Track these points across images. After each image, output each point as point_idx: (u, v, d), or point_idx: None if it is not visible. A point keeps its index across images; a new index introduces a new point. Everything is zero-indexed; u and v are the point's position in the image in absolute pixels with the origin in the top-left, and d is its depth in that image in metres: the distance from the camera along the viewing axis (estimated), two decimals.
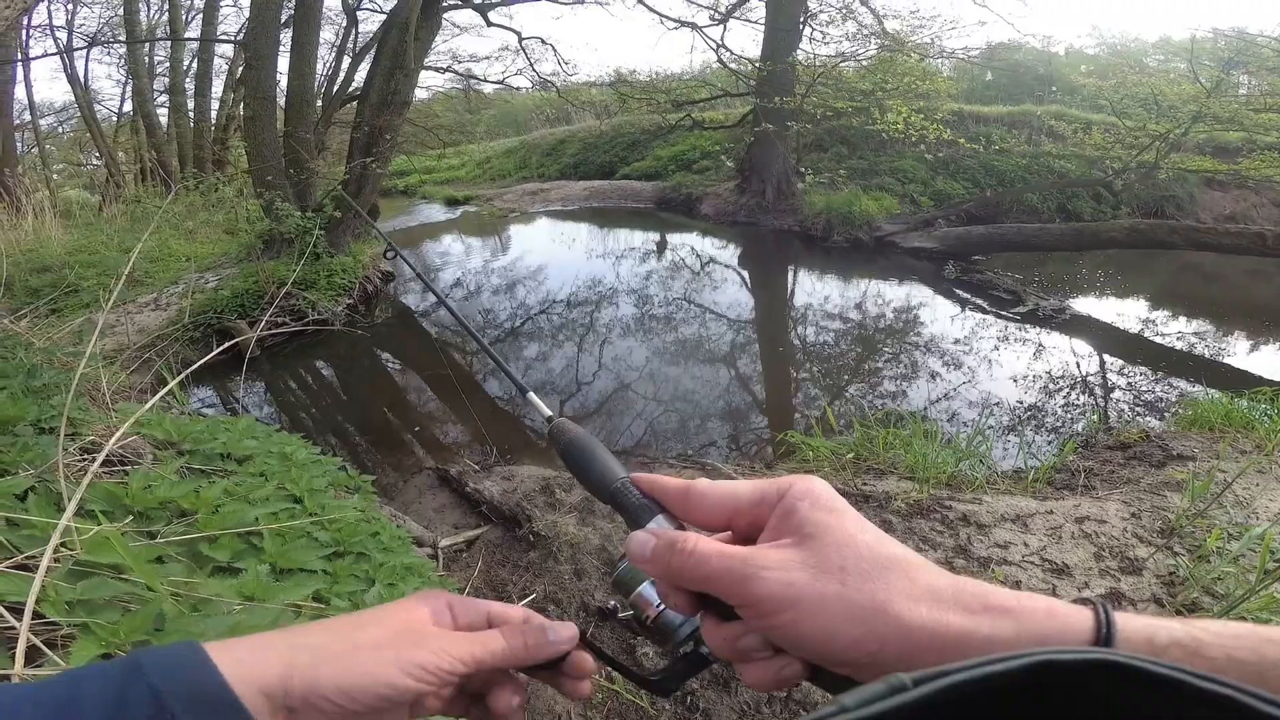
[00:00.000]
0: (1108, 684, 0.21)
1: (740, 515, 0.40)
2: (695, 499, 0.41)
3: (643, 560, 0.39)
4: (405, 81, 6.98)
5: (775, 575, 0.34)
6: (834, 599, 0.33)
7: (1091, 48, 17.43)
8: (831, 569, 0.34)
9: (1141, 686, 0.20)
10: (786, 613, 0.34)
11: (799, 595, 0.33)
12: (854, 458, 3.22)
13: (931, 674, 0.21)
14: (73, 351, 2.31)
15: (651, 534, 0.39)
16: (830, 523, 0.36)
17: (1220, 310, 6.95)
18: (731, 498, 0.40)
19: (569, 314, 6.82)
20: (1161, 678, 0.20)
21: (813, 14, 11.29)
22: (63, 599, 0.90)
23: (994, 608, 0.32)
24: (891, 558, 0.34)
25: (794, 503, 0.37)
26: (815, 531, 0.35)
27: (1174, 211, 10.62)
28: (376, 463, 3.87)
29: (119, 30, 13.42)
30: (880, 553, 0.34)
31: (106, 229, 8.14)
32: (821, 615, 0.33)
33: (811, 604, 0.33)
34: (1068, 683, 0.21)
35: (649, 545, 0.39)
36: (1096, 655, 0.21)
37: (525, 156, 17.77)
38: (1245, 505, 2.52)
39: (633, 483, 0.44)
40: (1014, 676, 0.21)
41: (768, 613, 0.34)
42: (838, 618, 0.33)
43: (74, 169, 18.85)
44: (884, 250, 9.06)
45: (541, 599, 2.15)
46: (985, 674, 0.21)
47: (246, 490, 1.50)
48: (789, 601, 0.33)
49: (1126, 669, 0.21)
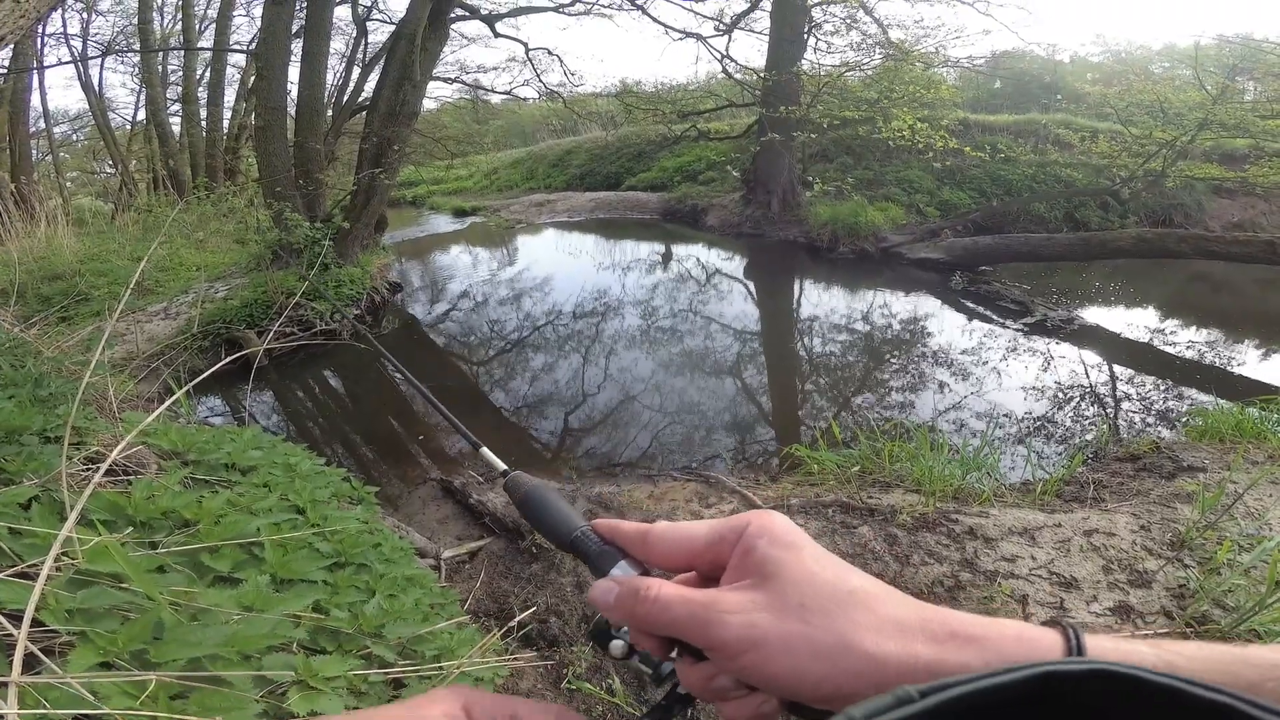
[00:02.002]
0: (1108, 695, 0.21)
1: (700, 556, 0.39)
2: (655, 541, 0.41)
3: (607, 609, 0.39)
4: (413, 92, 7.05)
5: (737, 619, 0.34)
6: (798, 638, 0.33)
7: (1097, 55, 17.46)
8: (792, 607, 0.34)
9: (1141, 696, 0.21)
10: (750, 654, 0.33)
11: (762, 637, 0.33)
12: (860, 471, 3.20)
13: (937, 686, 0.21)
14: (81, 360, 2.33)
15: (615, 581, 0.39)
16: (788, 559, 0.35)
17: (1230, 319, 6.90)
18: (690, 539, 0.39)
19: (575, 325, 6.83)
20: (1161, 687, 0.20)
21: (817, 24, 11.35)
22: (62, 607, 0.90)
23: (960, 635, 0.32)
24: (852, 591, 0.34)
25: (752, 541, 0.37)
26: (774, 570, 0.35)
27: (1182, 220, 10.57)
28: (381, 473, 3.88)
29: (133, 39, 13.64)
30: (841, 587, 0.34)
31: (118, 237, 8.23)
32: (787, 655, 0.33)
33: (776, 645, 0.33)
34: (1069, 694, 0.21)
35: (612, 593, 0.38)
36: (1098, 666, 0.21)
37: (532, 167, 17.90)
38: (1257, 517, 2.49)
39: (593, 529, 0.44)
40: (1018, 688, 0.21)
41: (733, 655, 0.34)
42: (803, 656, 0.33)
43: (87, 177, 19.10)
44: (890, 261, 9.05)
45: (543, 611, 2.14)
46: (990, 685, 0.21)
47: (249, 501, 1.50)
48: (752, 643, 0.33)
49: (1126, 679, 0.21)
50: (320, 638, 1.21)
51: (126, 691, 0.82)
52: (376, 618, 1.29)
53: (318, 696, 1.03)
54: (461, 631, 1.55)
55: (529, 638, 2.07)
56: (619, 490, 3.10)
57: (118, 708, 0.80)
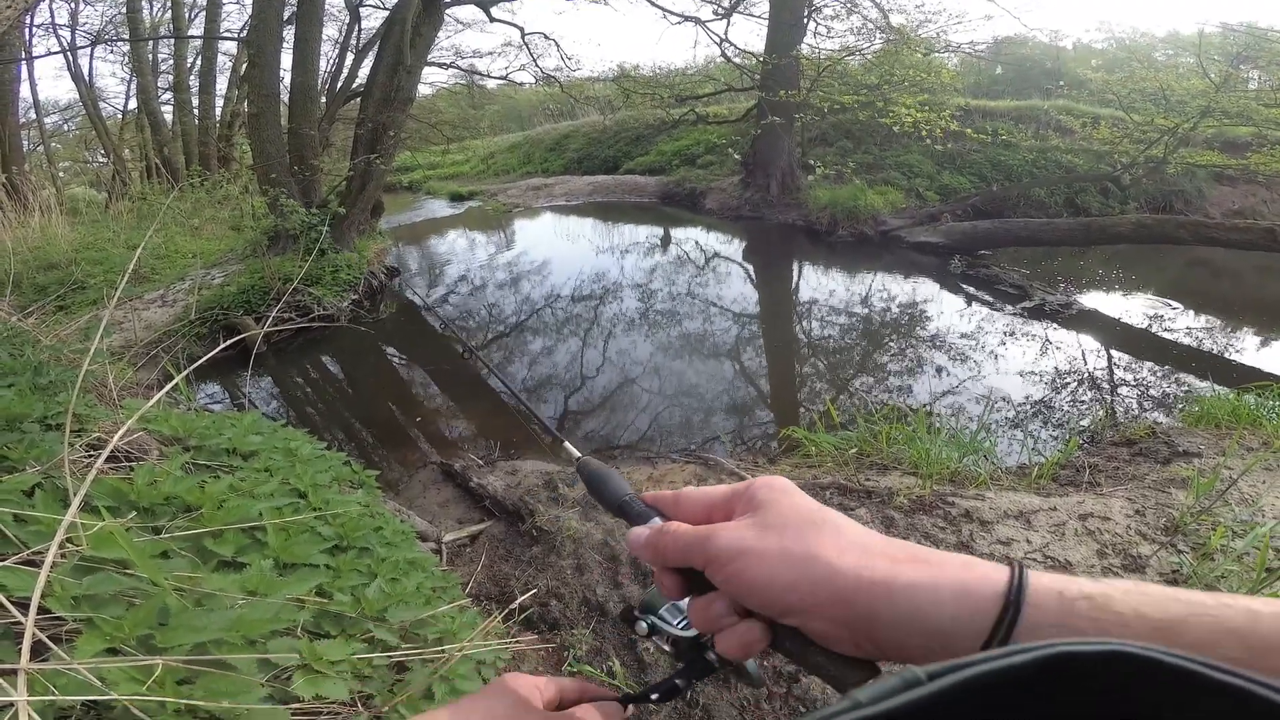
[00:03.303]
0: (1122, 674, 0.21)
1: (716, 509, 0.46)
2: (683, 501, 0.49)
3: (639, 546, 0.47)
4: (408, 78, 6.99)
5: (728, 534, 0.42)
6: (774, 548, 0.40)
7: (1100, 42, 17.33)
8: (773, 527, 0.41)
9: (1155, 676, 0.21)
10: (737, 561, 0.40)
11: (746, 547, 0.40)
12: (857, 453, 3.22)
13: (946, 668, 0.21)
14: (79, 348, 2.33)
15: (647, 527, 0.48)
16: (777, 497, 0.43)
17: (1229, 306, 6.90)
18: (709, 496, 0.47)
19: (573, 308, 6.82)
20: (1178, 668, 0.20)
21: (817, 8, 11.23)
22: (68, 594, 0.91)
23: (918, 558, 0.38)
24: (826, 518, 0.41)
25: (754, 491, 0.44)
26: (764, 504, 0.43)
27: (1182, 206, 10.55)
28: (381, 457, 3.89)
29: (122, 28, 13.46)
30: (816, 515, 0.41)
31: (113, 226, 8.18)
32: (764, 562, 0.39)
33: (756, 554, 0.40)
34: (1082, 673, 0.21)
35: (644, 534, 0.47)
36: (1112, 646, 0.21)
37: (529, 152, 17.77)
38: (1251, 503, 2.51)
39: (637, 497, 0.52)
40: (1029, 668, 0.21)
41: (724, 563, 0.41)
42: (777, 564, 0.39)
43: (80, 167, 18.93)
44: (889, 245, 9.03)
45: (544, 594, 2.16)
46: (1000, 667, 0.21)
47: (251, 485, 1.51)
48: (738, 552, 0.40)
49: (1141, 659, 0.21)
50: (324, 621, 1.23)
51: (133, 677, 0.83)
52: (379, 601, 1.30)
53: (322, 680, 1.05)
54: (463, 615, 1.57)
55: (530, 620, 2.09)
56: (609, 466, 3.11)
57: (125, 693, 0.81)
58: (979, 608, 0.34)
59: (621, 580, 2.20)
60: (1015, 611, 0.33)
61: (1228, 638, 0.30)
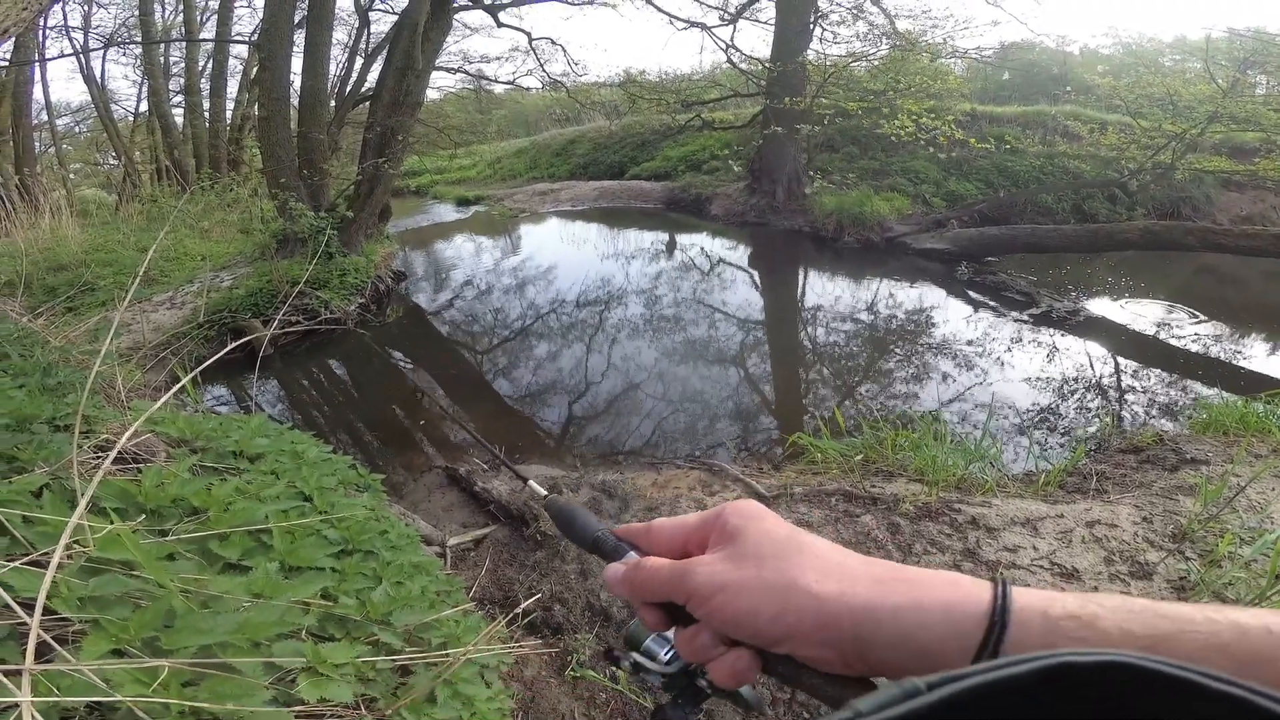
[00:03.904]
0: (1121, 684, 0.21)
1: (691, 540, 0.46)
2: (655, 532, 0.48)
3: (616, 583, 0.46)
4: (417, 82, 7.03)
5: (705, 569, 0.41)
6: (753, 580, 0.39)
7: (1107, 48, 17.21)
8: (750, 558, 0.40)
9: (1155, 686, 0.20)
10: (718, 597, 0.40)
11: (724, 581, 0.40)
12: (863, 460, 3.21)
13: (946, 678, 0.21)
14: (88, 350, 2.34)
15: (622, 563, 0.47)
16: (750, 525, 0.42)
17: (1237, 313, 6.85)
18: (682, 526, 0.47)
19: (578, 314, 6.83)
20: (1178, 679, 0.20)
21: (823, 14, 11.23)
22: (74, 595, 0.92)
23: (901, 579, 0.37)
24: (802, 544, 0.40)
25: (726, 519, 0.43)
26: (737, 533, 0.42)
27: (1190, 213, 10.48)
28: (387, 461, 3.90)
29: (135, 31, 13.59)
30: (792, 542, 0.40)
31: (123, 228, 8.25)
32: (744, 595, 0.39)
33: (735, 587, 0.39)
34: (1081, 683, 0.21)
35: (619, 571, 0.46)
36: (1112, 656, 0.21)
37: (535, 157, 17.82)
38: (1259, 510, 2.49)
39: (610, 532, 0.52)
40: (1029, 678, 0.21)
41: (704, 600, 0.40)
42: (757, 595, 0.38)
43: (91, 169, 19.10)
44: (895, 251, 9.01)
45: (547, 598, 2.16)
46: (1000, 677, 0.21)
47: (257, 488, 1.52)
48: (717, 587, 0.40)
49: (1141, 670, 0.21)
50: (329, 624, 1.23)
51: (138, 679, 0.84)
52: (384, 605, 1.31)
53: (326, 683, 1.05)
54: (467, 619, 1.57)
55: (533, 625, 2.09)
56: (623, 478, 3.10)
57: (130, 695, 0.81)
58: (964, 629, 0.34)
59: None
60: (1000, 630, 0.33)
61: (1216, 655, 0.30)
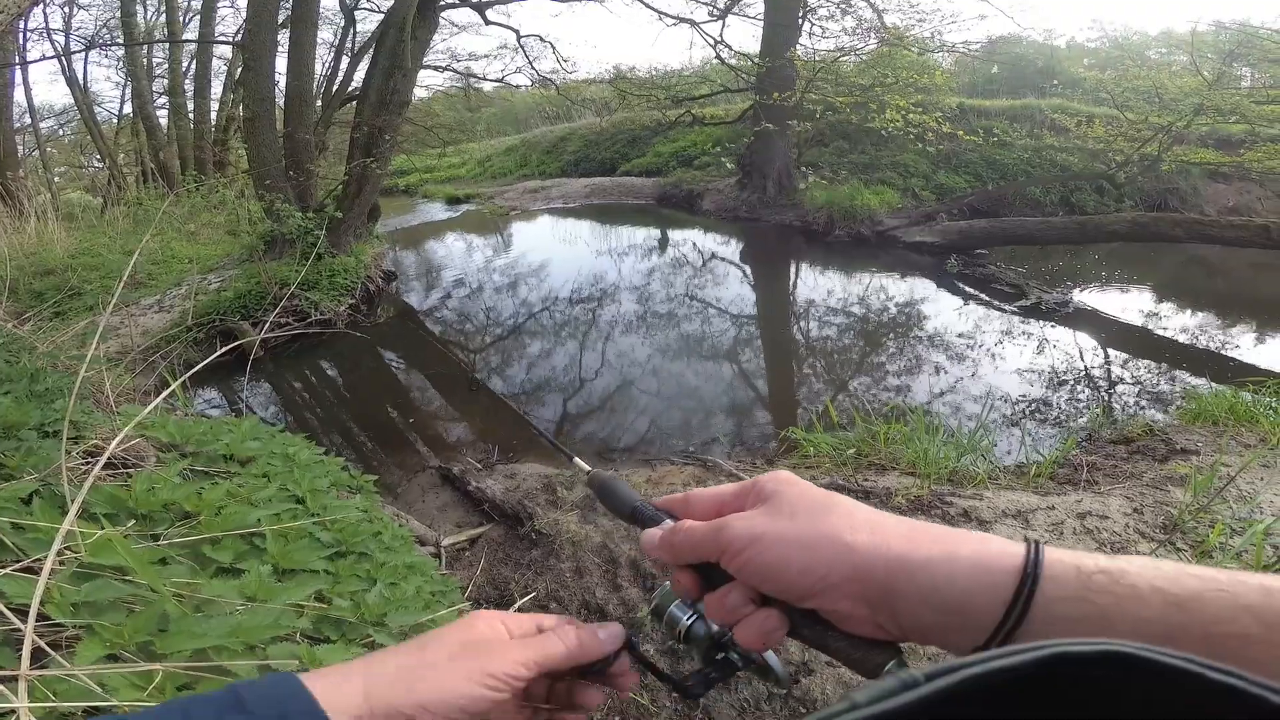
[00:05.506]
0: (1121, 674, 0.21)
1: (727, 506, 0.47)
2: (693, 501, 0.50)
3: (653, 546, 0.48)
4: (404, 81, 6.98)
5: (741, 522, 0.42)
6: (788, 531, 0.40)
7: (1093, 41, 17.35)
8: (784, 513, 0.41)
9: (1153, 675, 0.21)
10: (751, 548, 0.41)
11: (759, 533, 0.41)
12: (855, 453, 3.22)
13: (943, 669, 0.21)
14: (76, 355, 2.32)
15: (660, 528, 0.49)
16: (786, 488, 0.43)
17: (1224, 303, 6.93)
18: (718, 495, 0.48)
19: (571, 311, 6.82)
20: (1170, 668, 0.20)
21: (811, 9, 11.26)
22: (67, 601, 0.91)
23: (934, 534, 0.38)
24: (836, 502, 0.42)
25: (762, 484, 0.45)
26: (774, 494, 0.43)
27: (1177, 204, 10.57)
28: (380, 462, 3.88)
29: (117, 32, 13.44)
30: (827, 499, 0.42)
31: (109, 231, 8.16)
32: (777, 546, 0.40)
33: (770, 538, 0.40)
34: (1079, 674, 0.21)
35: (657, 535, 0.48)
36: (1107, 647, 0.21)
37: (526, 154, 17.77)
38: (1249, 500, 2.52)
39: (648, 503, 0.54)
40: (1026, 669, 0.21)
41: (737, 552, 0.41)
42: (791, 546, 0.39)
43: (75, 171, 18.90)
44: (886, 245, 9.04)
45: (543, 597, 2.16)
46: (997, 667, 0.21)
47: (249, 492, 1.51)
48: (751, 538, 0.41)
49: (1136, 659, 0.21)
50: (323, 626, 1.22)
51: (133, 683, 0.83)
52: (378, 606, 1.30)
53: None
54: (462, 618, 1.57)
55: None
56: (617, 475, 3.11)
57: (126, 699, 0.80)
58: (997, 581, 0.34)
59: (621, 583, 2.20)
60: (1033, 583, 0.34)
61: (1243, 614, 0.30)
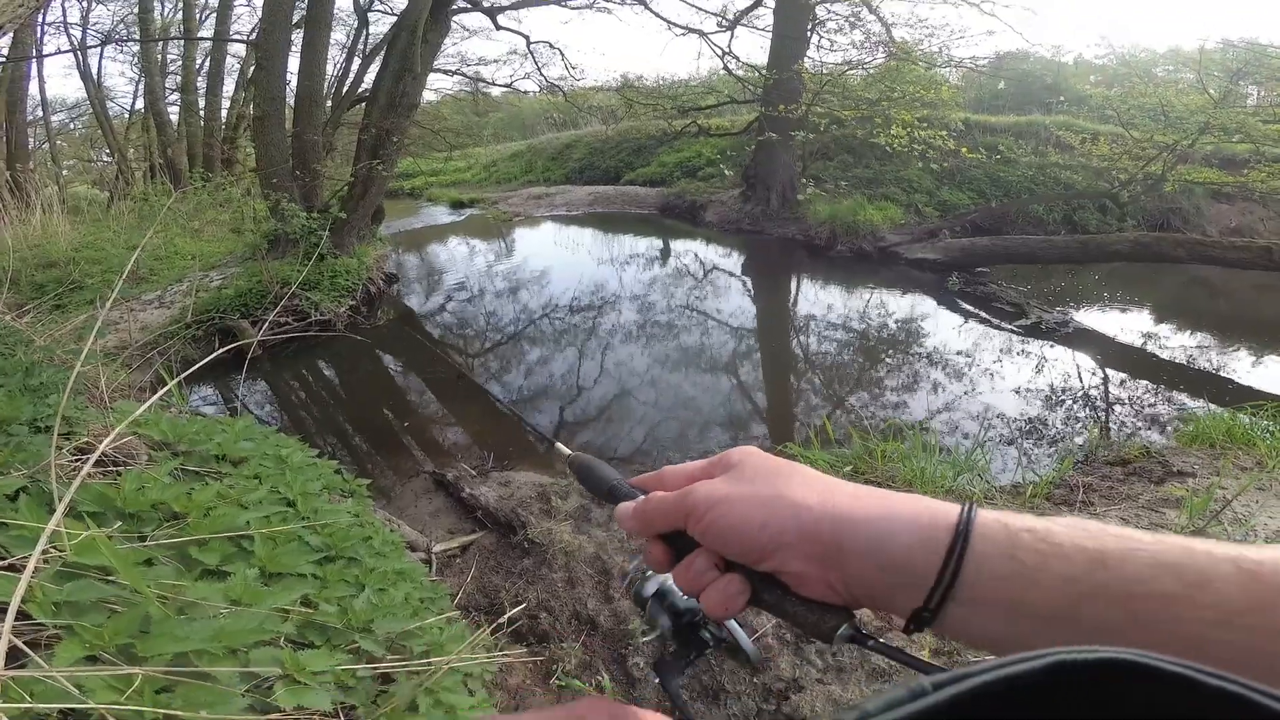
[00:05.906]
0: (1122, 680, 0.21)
1: (696, 479, 0.49)
2: (666, 476, 0.53)
3: (625, 518, 0.51)
4: (413, 84, 7.02)
5: (705, 487, 0.46)
6: (747, 493, 0.43)
7: (1100, 58, 17.36)
8: (746, 479, 0.45)
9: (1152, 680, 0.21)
10: (713, 510, 0.44)
11: (720, 496, 0.44)
12: (852, 470, 3.21)
13: (951, 677, 0.22)
14: (73, 349, 2.32)
15: (631, 501, 0.52)
16: (749, 458, 0.47)
17: (1225, 325, 6.91)
18: (689, 469, 0.51)
19: (571, 319, 6.83)
20: (1174, 675, 0.21)
21: (820, 22, 11.31)
22: (49, 600, 0.91)
23: (876, 494, 0.41)
24: (796, 469, 0.45)
25: (729, 456, 0.48)
26: (738, 463, 0.47)
27: (1180, 224, 10.57)
28: (374, 465, 3.88)
29: (133, 28, 13.53)
30: (786, 466, 0.45)
31: (113, 225, 8.18)
32: (737, 506, 0.43)
33: (730, 502, 0.43)
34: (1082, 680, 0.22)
35: (630, 508, 0.51)
36: (1110, 654, 0.22)
37: (531, 160, 17.83)
38: (1244, 523, 2.51)
39: (624, 481, 0.58)
40: (1034, 677, 0.22)
41: (702, 513, 0.44)
42: (749, 506, 0.43)
43: (84, 165, 18.98)
44: (888, 261, 9.05)
45: (534, 606, 2.15)
46: (1005, 675, 0.22)
47: (240, 493, 1.50)
48: (713, 501, 0.44)
49: (1139, 666, 0.21)
50: (308, 632, 1.22)
51: (112, 686, 0.83)
52: (366, 612, 1.30)
53: (304, 691, 1.04)
54: (451, 627, 1.56)
55: (519, 633, 2.08)
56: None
57: (103, 702, 0.80)
58: (934, 537, 0.37)
59: (612, 594, 2.19)
60: (965, 541, 0.36)
61: (1165, 572, 0.32)
